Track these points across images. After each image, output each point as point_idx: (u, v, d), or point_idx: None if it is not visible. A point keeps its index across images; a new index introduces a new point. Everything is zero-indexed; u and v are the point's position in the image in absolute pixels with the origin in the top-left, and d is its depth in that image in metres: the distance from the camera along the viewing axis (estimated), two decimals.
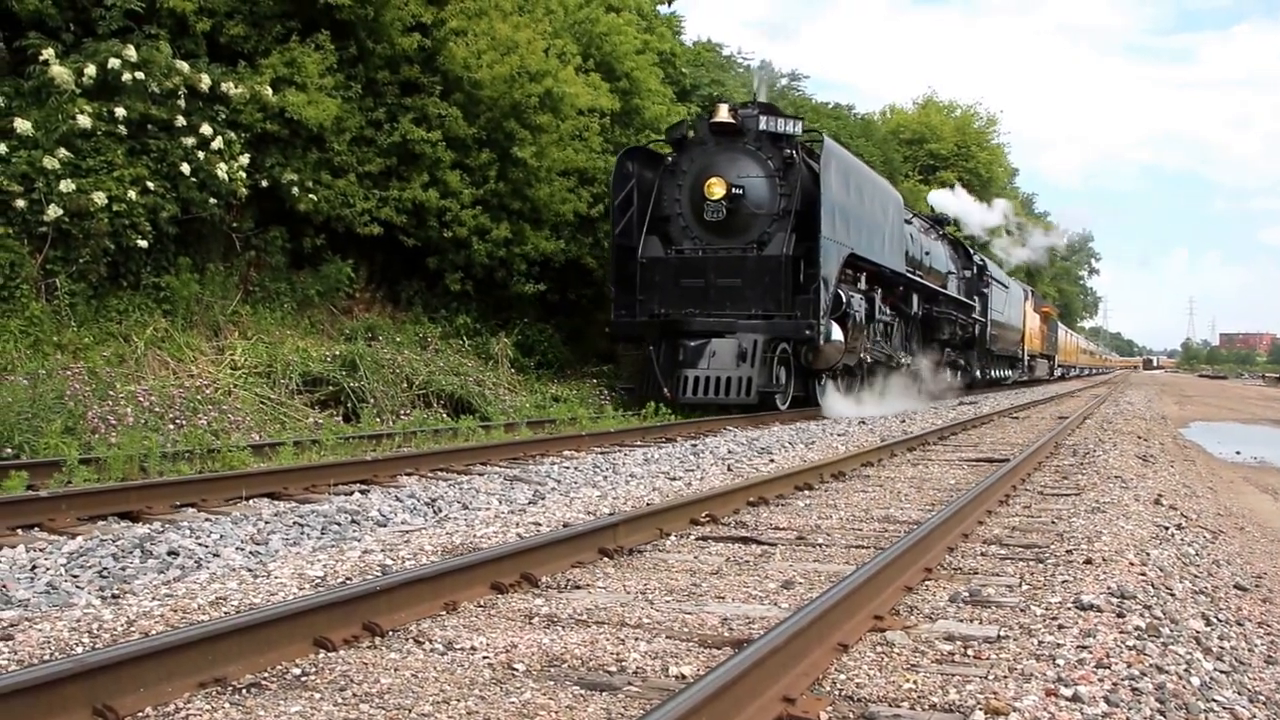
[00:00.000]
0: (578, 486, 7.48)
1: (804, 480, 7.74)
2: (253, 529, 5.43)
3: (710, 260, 16.09)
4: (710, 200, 15.87)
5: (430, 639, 3.65)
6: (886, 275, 19.36)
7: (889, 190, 20.36)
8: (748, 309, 15.63)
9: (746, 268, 15.88)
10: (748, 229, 16.02)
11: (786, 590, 4.53)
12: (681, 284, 16.11)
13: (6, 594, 4.10)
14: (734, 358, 14.84)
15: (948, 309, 24.94)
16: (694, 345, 15.06)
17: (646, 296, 16.28)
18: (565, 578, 4.62)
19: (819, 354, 15.90)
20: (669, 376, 14.89)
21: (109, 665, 2.86)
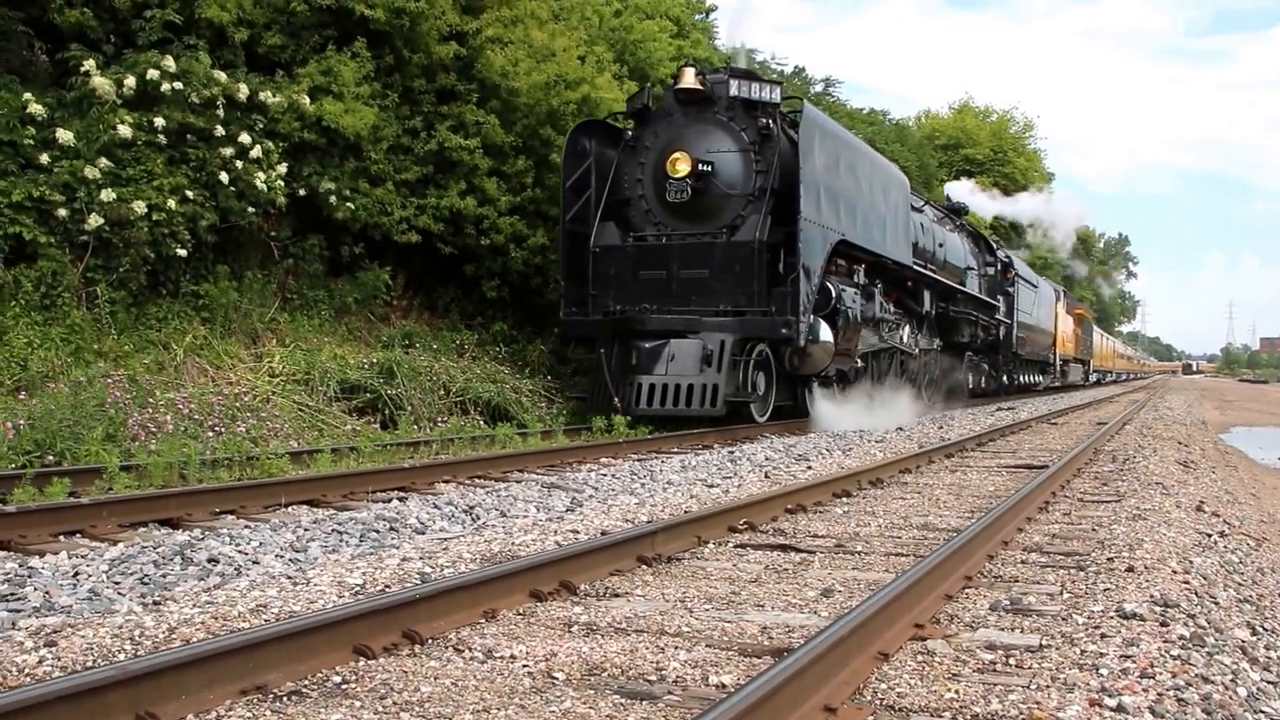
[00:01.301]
0: (615, 494, 7.48)
1: (842, 487, 7.70)
2: (292, 536, 5.45)
3: (673, 248, 13.97)
4: (673, 179, 13.80)
5: (470, 647, 3.65)
6: (889, 268, 17.10)
7: (891, 171, 17.97)
8: (716, 304, 13.59)
9: (714, 256, 13.75)
10: (718, 212, 13.93)
11: (826, 598, 4.51)
12: (640, 276, 14.04)
13: (50, 600, 4.14)
14: (697, 361, 12.85)
15: (967, 308, 22.57)
16: (649, 347, 13.08)
17: (600, 291, 14.30)
18: (604, 586, 4.62)
19: (805, 357, 13.87)
20: (621, 384, 13.00)
21: (152, 672, 2.88)
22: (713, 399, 12.63)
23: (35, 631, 3.70)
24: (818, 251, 13.72)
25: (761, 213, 13.66)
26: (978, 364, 25.10)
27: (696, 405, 12.64)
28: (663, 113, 14.46)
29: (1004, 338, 26.87)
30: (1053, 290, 36.94)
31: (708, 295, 13.66)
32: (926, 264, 19.51)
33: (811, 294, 13.50)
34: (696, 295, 13.70)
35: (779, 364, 13.81)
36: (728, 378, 12.83)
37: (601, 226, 14.45)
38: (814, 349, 13.78)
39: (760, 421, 13.57)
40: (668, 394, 12.73)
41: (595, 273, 14.35)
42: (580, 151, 14.76)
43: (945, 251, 21.32)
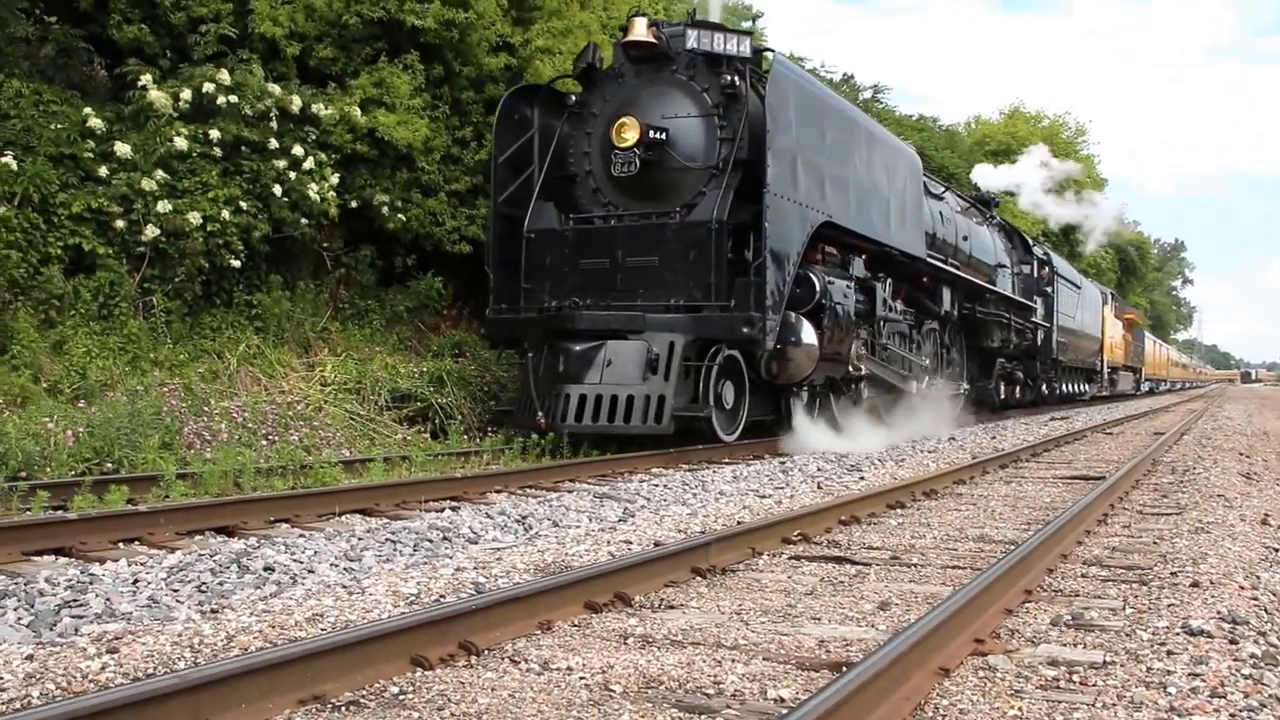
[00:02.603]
0: (667, 504, 7.45)
1: (896, 498, 7.63)
2: (346, 545, 5.48)
3: (618, 232, 11.83)
4: (619, 149, 11.63)
5: (526, 658, 3.64)
6: (895, 259, 14.77)
7: (898, 148, 15.53)
8: (666, 298, 11.39)
9: (665, 240, 11.52)
10: (675, 188, 11.73)
11: (883, 611, 4.46)
12: (581, 266, 11.89)
13: (111, 607, 4.18)
14: (639, 367, 10.68)
15: (998, 310, 20.19)
16: (580, 351, 10.85)
17: (535, 284, 12.13)
18: (659, 597, 4.59)
19: (784, 362, 11.72)
20: (547, 395, 10.90)
21: (212, 681, 2.89)
22: (658, 413, 10.47)
23: (97, 638, 3.74)
24: (792, 234, 11.57)
25: (723, 187, 11.44)
26: (1011, 372, 22.76)
27: (638, 421, 10.48)
28: (613, 73, 12.36)
29: (1042, 343, 24.50)
30: (1099, 292, 34.66)
31: (657, 287, 11.48)
32: (947, 258, 17.34)
33: (783, 285, 11.34)
34: (645, 288, 11.52)
35: (753, 371, 11.70)
36: (678, 387, 10.67)
37: (539, 208, 12.31)
38: (794, 353, 11.64)
39: (727, 441, 11.36)
40: (602, 407, 10.58)
41: (529, 262, 12.20)
42: (520, 122, 12.71)
43: (971, 245, 19.11)
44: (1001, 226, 23.30)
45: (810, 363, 11.84)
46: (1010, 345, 21.30)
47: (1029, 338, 23.01)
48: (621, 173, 11.72)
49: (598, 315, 11.12)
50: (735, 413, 11.60)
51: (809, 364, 11.85)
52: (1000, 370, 21.53)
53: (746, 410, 11.69)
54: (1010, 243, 23.12)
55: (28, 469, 7.70)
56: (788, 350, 11.60)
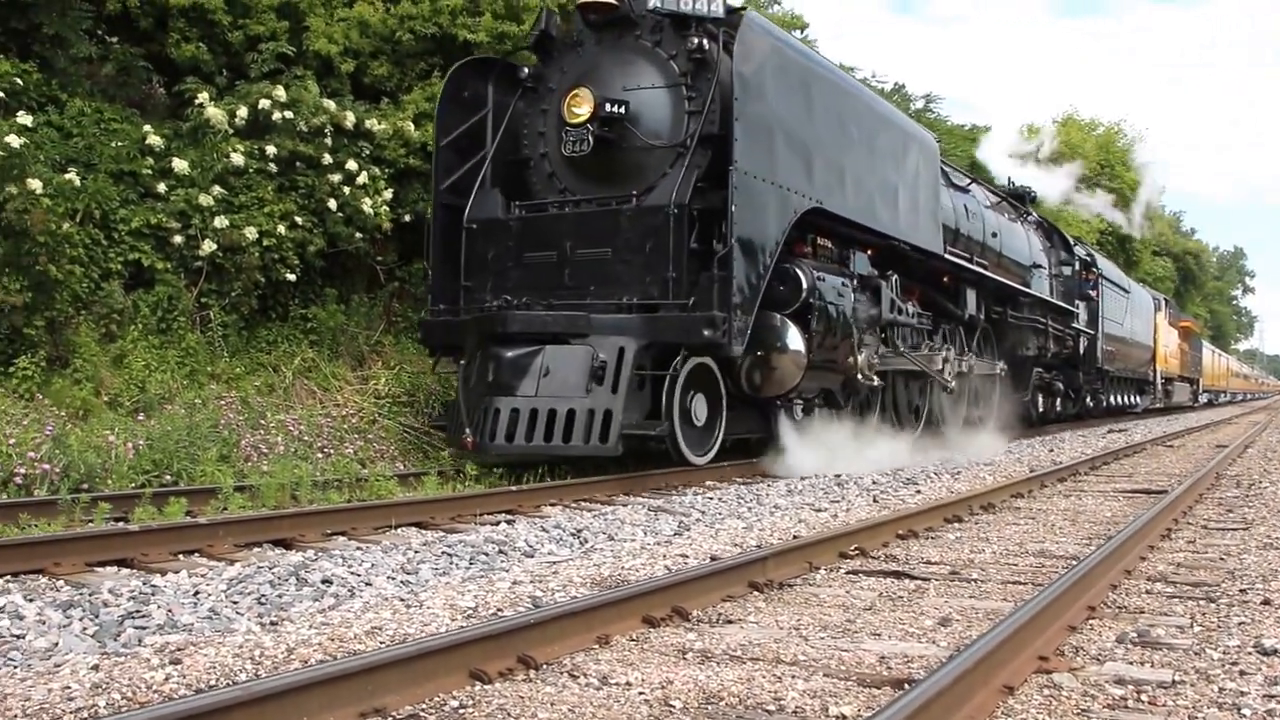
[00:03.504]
0: (722, 518, 7.41)
1: (953, 512, 7.54)
2: (403, 558, 5.49)
3: (566, 220, 10.35)
4: (571, 126, 10.16)
5: (585, 673, 3.62)
6: (907, 256, 13.11)
7: (910, 130, 13.78)
8: (619, 295, 9.87)
9: (619, 229, 9.99)
10: (637, 171, 10.18)
11: (944, 627, 4.39)
12: (525, 260, 10.48)
13: (172, 618, 4.21)
14: (582, 377, 9.18)
15: (1033, 314, 18.62)
16: (512, 358, 9.34)
17: (476, 282, 10.75)
18: (716, 612, 4.56)
19: (768, 371, 10.25)
20: (475, 409, 9.44)
21: (275, 694, 2.90)
22: (603, 431, 8.96)
23: (160, 648, 3.77)
24: (768, 221, 9.98)
25: (684, 166, 9.87)
26: (1049, 383, 20.92)
27: (579, 440, 8.96)
28: (571, 42, 10.98)
29: (1085, 351, 22.64)
30: (1151, 298, 32.72)
31: (609, 284, 9.95)
32: (973, 256, 15.65)
33: (757, 280, 9.76)
34: (596, 284, 10.01)
35: (734, 382, 10.30)
36: (630, 400, 9.16)
37: (482, 196, 10.90)
38: (779, 360, 10.20)
39: (696, 464, 9.72)
40: (537, 424, 9.07)
41: (469, 257, 10.85)
42: (471, 100, 11.24)
43: (1001, 243, 17.42)
44: (1039, 224, 21.61)
45: (797, 371, 10.31)
46: (1048, 353, 19.74)
47: (1070, 345, 21.36)
48: (573, 153, 10.24)
49: (533, 316, 9.57)
50: (709, 431, 10.01)
51: (796, 373, 10.33)
52: (1038, 381, 19.98)
53: (724, 427, 10.14)
54: (1049, 242, 21.41)
55: (89, 480, 7.80)
56: (771, 357, 10.20)
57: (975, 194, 16.91)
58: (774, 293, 10.17)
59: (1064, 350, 20.90)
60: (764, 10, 24.61)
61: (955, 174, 16.34)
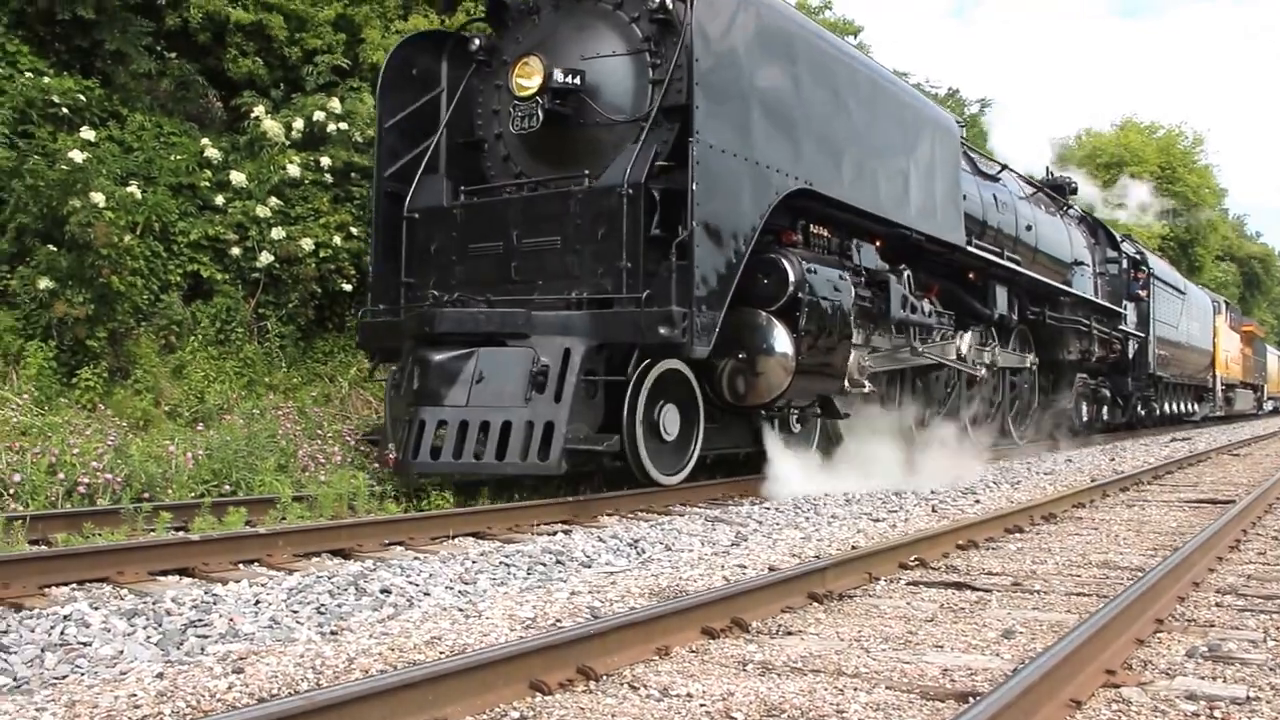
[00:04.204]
0: (779, 528, 7.35)
1: (1014, 523, 7.43)
2: (460, 568, 5.49)
3: (512, 205, 9.23)
4: (519, 99, 9.00)
5: (645, 684, 3.59)
6: (923, 248, 11.88)
7: (924, 109, 12.38)
8: (569, 289, 8.68)
9: (569, 215, 8.82)
10: (595, 149, 8.98)
11: (1007, 640, 4.32)
12: (471, 251, 9.34)
13: (234, 627, 4.23)
14: (520, 383, 8.07)
15: (1075, 315, 17.32)
16: (440, 362, 8.32)
17: (419, 277, 9.66)
18: (776, 623, 4.51)
19: (753, 378, 9.09)
20: (400, 421, 8.54)
21: (337, 704, 2.89)
22: (543, 447, 7.78)
23: (223, 657, 3.79)
24: (741, 201, 8.73)
25: (641, 142, 8.63)
26: (1094, 389, 19.58)
27: (515, 456, 7.81)
28: (528, 9, 9.81)
29: (1135, 355, 21.29)
30: (1209, 301, 30.89)
31: (559, 276, 8.81)
32: (1004, 250, 14.36)
33: (727, 271, 8.49)
34: (545, 277, 8.89)
35: (713, 389, 9.20)
36: (576, 409, 7.95)
37: (425, 182, 9.78)
38: (765, 364, 9.03)
39: (665, 484, 8.52)
40: (467, 439, 7.97)
41: (410, 249, 9.75)
42: (421, 79, 10.11)
43: (1037, 237, 16.00)
44: (1081, 219, 20.17)
45: (785, 376, 9.02)
46: (1092, 357, 18.33)
47: (1117, 349, 20.03)
48: (521, 129, 9.09)
49: (464, 314, 8.48)
50: (682, 446, 8.77)
51: (783, 378, 9.03)
52: (1081, 387, 18.65)
53: (700, 442, 8.92)
54: (1093, 238, 19.90)
55: (150, 490, 7.89)
56: (756, 361, 9.03)
57: (1007, 184, 15.63)
58: (756, 286, 9.05)
59: (1111, 354, 19.71)
60: (815, 16, 24.48)
61: (983, 161, 15.26)
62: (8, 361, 9.76)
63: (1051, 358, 16.83)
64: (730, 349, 8.90)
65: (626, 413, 8.12)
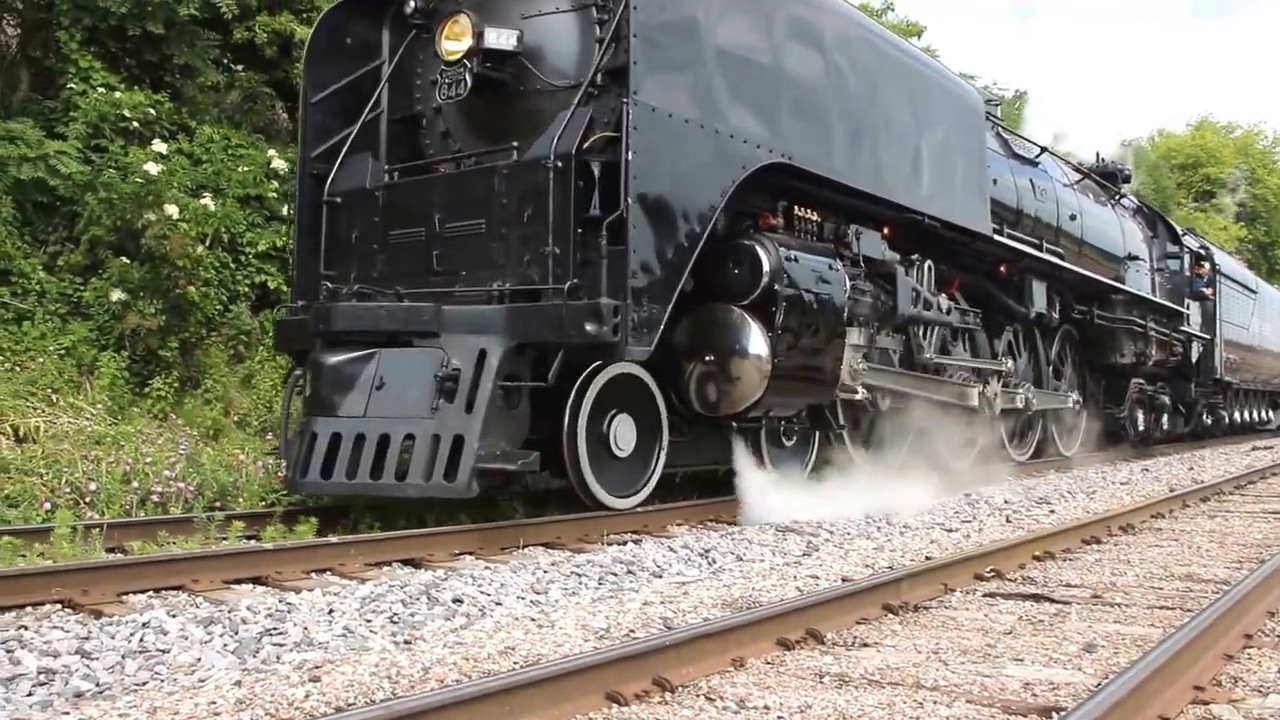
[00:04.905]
0: (851, 538, 7.27)
1: (1091, 533, 7.29)
2: (532, 578, 5.48)
3: (435, 186, 8.12)
4: (446, 64, 8.00)
5: (721, 696, 3.55)
6: (939, 236, 10.51)
7: (938, 77, 10.83)
8: (492, 280, 7.51)
9: (494, 194, 7.59)
10: (535, 121, 7.64)
11: (1089, 653, 4.23)
12: (391, 239, 8.19)
13: (309, 636, 4.25)
14: (427, 391, 6.94)
15: (1129, 314, 15.77)
16: (335, 365, 7.29)
17: (339, 269, 8.41)
18: (851, 635, 4.45)
19: (727, 383, 7.90)
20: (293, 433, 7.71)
21: (416, 713, 2.89)
22: (451, 465, 6.67)
23: (299, 665, 3.80)
24: (696, 175, 7.49)
25: (573, 107, 7.36)
26: (1152, 396, 17.88)
27: (418, 476, 6.72)
28: None
29: (1199, 359, 19.58)
30: None
31: (485, 265, 7.61)
32: (1043, 241, 13.02)
33: (676, 257, 7.31)
34: (469, 266, 7.69)
35: (681, 398, 8.09)
36: (492, 421, 6.76)
37: (350, 162, 8.54)
38: (739, 368, 7.88)
39: (617, 509, 7.37)
40: (363, 455, 6.93)
41: (331, 238, 8.55)
42: (357, 49, 8.88)
43: (1083, 228, 14.51)
44: (1138, 209, 18.55)
45: (760, 380, 7.84)
46: (1149, 361, 16.64)
47: (1178, 352, 18.30)
48: (448, 98, 8.08)
49: (363, 310, 7.44)
50: (639, 463, 7.63)
51: (757, 384, 7.86)
52: (1137, 394, 17.03)
53: (663, 459, 7.76)
54: (1150, 230, 18.32)
55: (222, 499, 7.97)
56: (729, 364, 7.88)
57: (1048, 169, 14.14)
58: (726, 278, 7.98)
59: (1171, 358, 17.94)
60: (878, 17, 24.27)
61: (1019, 143, 13.81)
62: (82, 372, 9.93)
63: (1102, 361, 15.62)
64: (698, 350, 7.99)
65: (567, 425, 7.01)
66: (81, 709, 3.32)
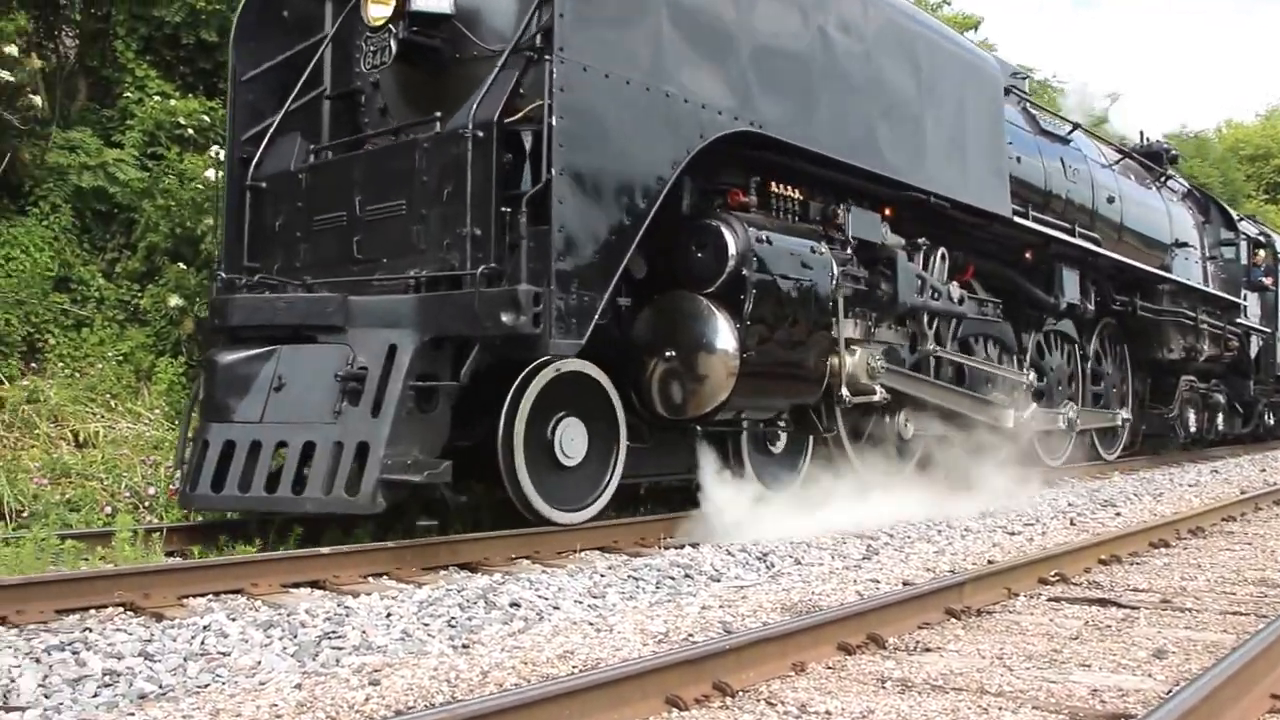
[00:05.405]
0: (911, 541, 7.18)
1: (1159, 536, 7.14)
2: (589, 582, 5.46)
3: (357, 165, 7.31)
4: (370, 32, 7.38)
5: (782, 701, 3.50)
6: (950, 217, 9.55)
7: (948, 43, 9.76)
8: (409, 267, 6.69)
9: (415, 171, 6.79)
10: (467, 89, 6.73)
11: (1159, 660, 4.13)
12: (316, 224, 7.38)
13: (367, 639, 4.25)
14: (329, 392, 6.26)
15: (1177, 306, 14.76)
16: (229, 364, 6.66)
17: (264, 257, 7.64)
18: (913, 639, 4.38)
19: (694, 382, 7.13)
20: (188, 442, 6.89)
21: (476, 717, 2.87)
22: (354, 476, 6.03)
23: (358, 669, 3.80)
24: (636, 144, 6.67)
25: (496, 71, 6.50)
26: (1205, 395, 16.75)
27: (317, 489, 6.06)
28: None
29: (1259, 354, 18.30)
30: None
31: (406, 251, 6.80)
32: (1075, 225, 11.99)
33: (615, 237, 6.50)
34: (391, 253, 6.90)
35: (643, 399, 7.33)
36: (404, 426, 6.05)
37: (279, 144, 7.72)
38: (706, 364, 7.10)
39: (561, 524, 6.63)
40: (258, 465, 6.31)
41: (255, 226, 7.75)
42: (293, 22, 8.09)
43: (1123, 212, 13.35)
44: (1187, 193, 17.16)
45: (728, 379, 7.06)
46: (1200, 356, 15.48)
47: (1235, 347, 17.04)
48: (373, 67, 7.41)
49: (259, 302, 6.79)
50: (592, 474, 6.90)
51: (724, 382, 7.08)
52: (1187, 392, 15.94)
53: (620, 468, 7.00)
54: (1202, 215, 17.02)
55: None
56: (693, 360, 7.13)
57: (1081, 147, 13.01)
58: (690, 262, 7.24)
59: (1226, 353, 16.68)
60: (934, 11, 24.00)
61: (1048, 119, 12.71)
62: (139, 377, 10.04)
63: (1147, 356, 14.57)
64: (660, 345, 7.24)
65: (502, 430, 6.26)
66: (146, 710, 3.34)
